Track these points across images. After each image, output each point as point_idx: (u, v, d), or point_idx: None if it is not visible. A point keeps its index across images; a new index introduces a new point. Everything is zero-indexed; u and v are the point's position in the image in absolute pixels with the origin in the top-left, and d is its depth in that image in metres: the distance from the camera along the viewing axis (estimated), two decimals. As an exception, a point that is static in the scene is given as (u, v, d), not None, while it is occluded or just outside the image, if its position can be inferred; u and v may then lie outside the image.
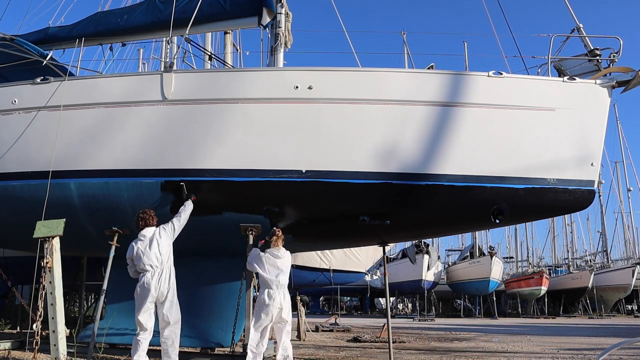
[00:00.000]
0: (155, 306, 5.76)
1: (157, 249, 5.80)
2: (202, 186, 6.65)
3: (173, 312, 5.79)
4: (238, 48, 12.21)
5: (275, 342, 6.23)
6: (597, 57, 6.88)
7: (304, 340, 11.88)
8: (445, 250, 51.15)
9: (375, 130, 6.50)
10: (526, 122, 6.61)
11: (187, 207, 6.47)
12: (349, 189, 6.50)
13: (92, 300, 18.77)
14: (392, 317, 26.80)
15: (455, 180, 6.49)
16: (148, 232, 5.94)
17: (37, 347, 5.95)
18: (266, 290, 5.94)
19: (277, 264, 6.03)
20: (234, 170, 6.57)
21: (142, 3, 8.45)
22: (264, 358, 6.10)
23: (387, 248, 8.83)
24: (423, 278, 31.35)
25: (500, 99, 6.57)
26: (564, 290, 37.73)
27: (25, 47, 7.73)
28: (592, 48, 6.97)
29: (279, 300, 5.89)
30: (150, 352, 5.74)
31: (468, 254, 36.90)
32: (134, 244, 5.90)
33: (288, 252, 6.27)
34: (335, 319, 17.76)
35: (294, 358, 7.44)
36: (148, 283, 5.67)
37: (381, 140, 6.49)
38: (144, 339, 5.69)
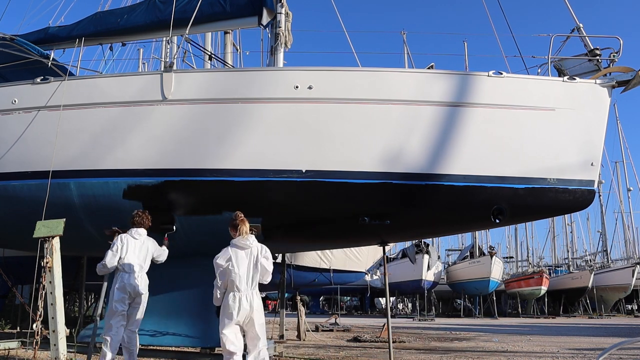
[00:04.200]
0: None
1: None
2: (202, 186, 6.64)
3: None
4: (238, 48, 12.20)
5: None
6: (597, 57, 6.88)
7: (304, 340, 11.88)
8: (445, 250, 51.13)
9: (375, 130, 6.49)
10: (526, 122, 6.59)
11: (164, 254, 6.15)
12: (349, 189, 6.49)
13: (92, 300, 18.76)
14: (392, 317, 26.78)
15: (455, 181, 6.48)
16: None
17: (37, 347, 5.95)
18: (231, 293, 4.71)
19: (244, 256, 4.76)
20: (234, 170, 6.56)
21: (142, 3, 8.45)
22: None
23: (387, 248, 8.83)
24: (423, 278, 31.36)
25: (500, 99, 6.55)
26: (564, 290, 37.73)
27: (26, 47, 7.72)
28: (592, 48, 6.96)
29: (247, 301, 4.66)
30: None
31: (468, 254, 36.91)
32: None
33: (261, 244, 4.94)
34: (335, 319, 17.75)
35: (295, 358, 7.45)
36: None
37: (381, 140, 6.48)
38: None
